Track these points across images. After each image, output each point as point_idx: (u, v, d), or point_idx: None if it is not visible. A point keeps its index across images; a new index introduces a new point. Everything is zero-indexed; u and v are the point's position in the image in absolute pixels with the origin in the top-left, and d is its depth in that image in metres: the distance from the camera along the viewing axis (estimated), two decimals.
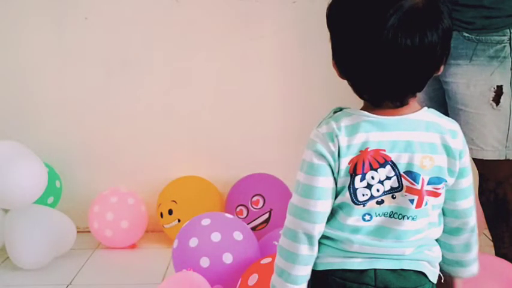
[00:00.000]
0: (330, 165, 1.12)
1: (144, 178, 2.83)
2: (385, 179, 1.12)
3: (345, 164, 1.12)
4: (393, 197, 1.13)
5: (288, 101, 2.78)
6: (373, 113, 1.13)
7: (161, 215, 2.64)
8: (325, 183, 1.13)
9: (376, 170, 1.11)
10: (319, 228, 1.14)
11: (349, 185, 1.12)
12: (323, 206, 1.14)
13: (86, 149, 2.83)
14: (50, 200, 2.63)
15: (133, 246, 2.68)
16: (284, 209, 2.77)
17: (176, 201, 2.61)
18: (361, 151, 1.11)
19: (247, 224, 2.34)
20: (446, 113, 1.42)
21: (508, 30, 1.78)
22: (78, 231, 2.59)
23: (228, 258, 1.87)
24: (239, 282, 1.76)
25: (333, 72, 2.95)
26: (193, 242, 1.89)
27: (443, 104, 2.05)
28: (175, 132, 2.81)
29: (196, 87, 2.77)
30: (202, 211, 2.12)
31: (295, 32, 2.70)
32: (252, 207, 2.54)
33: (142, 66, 2.76)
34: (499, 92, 1.81)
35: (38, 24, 2.73)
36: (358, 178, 1.12)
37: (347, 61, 1.13)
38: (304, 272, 1.17)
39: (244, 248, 1.92)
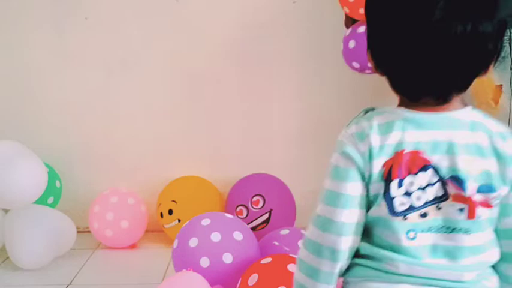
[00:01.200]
0: (359, 169, 0.99)
1: (144, 178, 2.82)
2: (427, 186, 0.98)
3: (377, 167, 0.98)
4: (439, 208, 0.99)
5: (288, 101, 2.78)
6: (410, 110, 1.00)
7: (161, 215, 2.64)
8: (352, 189, 0.99)
9: (415, 174, 0.98)
10: (347, 242, 1.00)
11: (384, 192, 0.98)
12: (350, 216, 0.99)
13: (86, 149, 2.83)
14: (50, 200, 2.63)
15: (133, 246, 2.68)
16: (284, 209, 2.78)
17: (176, 201, 2.61)
18: (396, 153, 0.98)
19: (247, 224, 2.34)
20: None
21: (508, 30, 1.78)
22: (78, 231, 2.58)
23: (228, 258, 1.87)
24: (239, 282, 1.76)
25: (333, 72, 2.97)
26: (193, 242, 1.89)
27: None
28: (175, 132, 2.81)
29: (196, 87, 2.77)
30: (202, 211, 2.12)
31: (295, 32, 2.69)
32: (252, 207, 2.54)
33: (142, 66, 2.76)
34: (498, 91, 1.82)
35: (38, 24, 2.72)
36: (394, 184, 0.98)
37: (387, 50, 0.99)
38: None
39: (244, 248, 1.92)
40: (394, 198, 0.98)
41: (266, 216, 2.53)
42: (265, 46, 2.71)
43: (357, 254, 1.03)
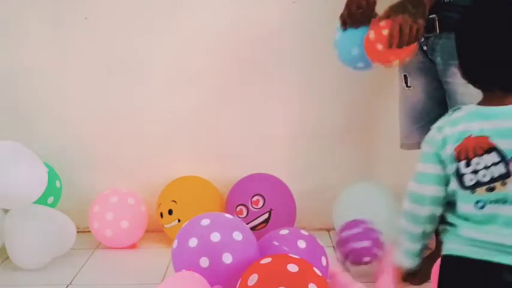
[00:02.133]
0: (436, 153, 1.31)
1: (144, 178, 2.82)
2: (492, 165, 1.23)
3: (449, 150, 1.28)
4: (504, 184, 1.23)
5: (288, 101, 2.78)
6: (482, 106, 1.29)
7: (161, 215, 2.64)
8: (431, 169, 1.32)
9: (481, 156, 1.24)
10: (430, 211, 1.33)
11: (456, 171, 1.28)
12: (429, 189, 1.32)
13: (86, 149, 2.83)
14: (50, 200, 2.63)
15: (133, 246, 2.69)
16: (284, 209, 2.77)
17: (176, 201, 2.61)
18: (464, 138, 1.26)
19: (247, 223, 2.34)
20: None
21: None
22: (78, 231, 2.59)
23: (227, 258, 1.86)
24: (239, 283, 1.76)
25: (333, 72, 2.93)
26: (192, 242, 1.89)
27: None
28: (175, 132, 2.81)
29: (197, 87, 2.77)
30: (202, 211, 2.12)
31: (295, 32, 2.69)
32: (252, 207, 2.54)
33: (143, 66, 2.76)
34: None
35: (38, 24, 2.73)
36: (463, 164, 1.26)
37: (474, 56, 1.31)
38: (413, 247, 1.39)
39: (244, 248, 1.92)
40: (463, 175, 1.27)
41: (266, 216, 2.53)
42: (264, 46, 2.71)
43: (445, 221, 1.34)
